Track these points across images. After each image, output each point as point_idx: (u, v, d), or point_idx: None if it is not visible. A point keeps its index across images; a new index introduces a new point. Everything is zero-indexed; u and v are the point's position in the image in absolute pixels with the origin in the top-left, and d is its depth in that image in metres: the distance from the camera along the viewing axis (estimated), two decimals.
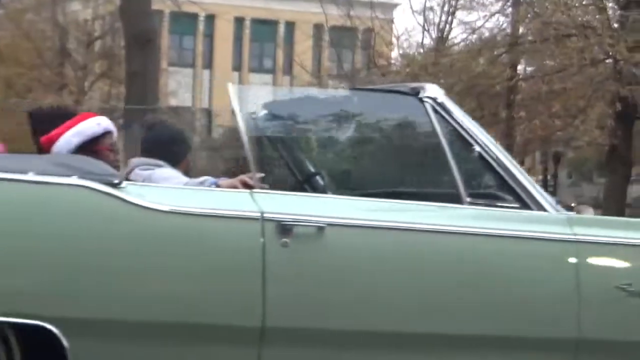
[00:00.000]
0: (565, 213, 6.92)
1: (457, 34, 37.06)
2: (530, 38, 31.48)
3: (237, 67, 64.27)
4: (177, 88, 50.17)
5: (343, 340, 6.28)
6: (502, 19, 33.92)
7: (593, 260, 6.86)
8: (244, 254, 5.99)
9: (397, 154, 8.34)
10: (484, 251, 6.56)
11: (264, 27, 63.61)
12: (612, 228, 7.09)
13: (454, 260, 6.49)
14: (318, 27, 49.05)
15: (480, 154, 6.57)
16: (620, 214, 27.68)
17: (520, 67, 34.00)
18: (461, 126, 6.64)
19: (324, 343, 6.24)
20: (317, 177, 7.71)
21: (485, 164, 6.66)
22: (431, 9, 37.00)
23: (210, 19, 61.50)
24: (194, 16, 58.49)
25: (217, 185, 6.84)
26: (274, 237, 5.93)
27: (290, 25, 60.76)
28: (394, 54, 40.66)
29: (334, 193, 7.41)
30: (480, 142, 6.65)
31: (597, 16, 29.32)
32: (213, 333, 6.21)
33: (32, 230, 5.75)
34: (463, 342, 6.52)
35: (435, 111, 6.49)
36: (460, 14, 36.47)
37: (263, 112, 7.40)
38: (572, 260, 6.72)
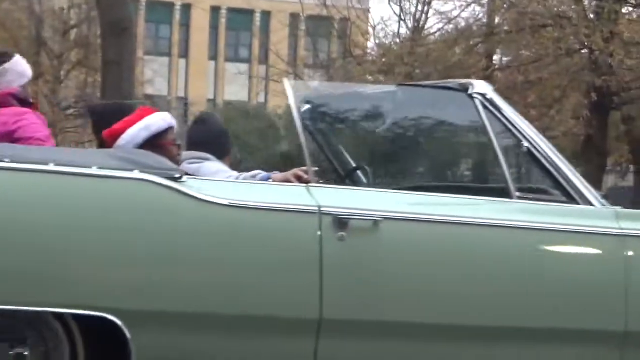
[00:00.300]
0: (612, 207, 6.93)
1: (433, 24, 37.02)
2: (506, 28, 31.56)
3: (213, 56, 64.62)
4: (154, 77, 50.13)
5: (397, 332, 6.28)
6: (478, 9, 33.63)
7: None
8: (301, 248, 6.03)
9: (448, 149, 8.44)
10: (533, 245, 6.56)
11: (240, 16, 63.65)
12: None
13: (505, 253, 6.53)
14: (294, 17, 49.21)
15: (528, 149, 6.60)
16: None
17: (496, 57, 34.26)
18: (510, 122, 6.69)
19: (378, 335, 6.25)
20: (361, 172, 7.64)
21: (533, 159, 6.66)
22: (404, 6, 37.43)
23: (187, 8, 61.45)
24: (171, 5, 60.98)
25: (270, 179, 6.89)
26: (331, 230, 5.95)
27: (267, 15, 60.92)
28: (370, 43, 40.65)
29: (385, 187, 7.40)
30: (529, 138, 6.69)
31: (573, 7, 29.49)
32: (271, 325, 6.19)
33: (96, 223, 5.76)
34: (516, 334, 6.54)
35: (485, 107, 6.56)
36: (436, 4, 36.20)
37: (313, 106, 7.37)
38: (620, 254, 6.74)
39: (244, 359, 6.45)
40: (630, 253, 6.71)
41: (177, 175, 5.90)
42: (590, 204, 6.62)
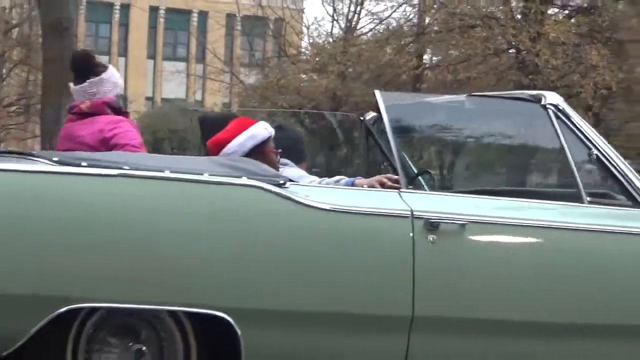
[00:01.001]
0: None
1: (365, 24, 37.55)
2: (435, 28, 31.69)
3: (152, 55, 64.93)
4: None
5: (482, 329, 6.49)
6: (408, 9, 34.38)
7: None
8: (396, 249, 6.19)
9: (523, 156, 8.99)
10: (605, 247, 6.76)
11: (178, 16, 63.88)
12: None
13: (579, 255, 6.71)
14: (230, 17, 49.48)
15: (597, 157, 6.75)
16: None
17: (426, 57, 34.55)
18: (580, 131, 6.88)
19: (465, 331, 6.44)
20: (425, 177, 7.77)
21: (602, 165, 6.85)
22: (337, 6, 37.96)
23: (126, 7, 61.45)
24: (110, 5, 61.25)
25: (353, 184, 7.02)
26: (423, 233, 6.12)
27: (204, 15, 60.83)
28: (304, 43, 41.44)
29: (468, 192, 7.42)
30: (598, 145, 6.86)
31: (500, 7, 29.90)
32: (368, 322, 6.36)
33: (208, 227, 6.02)
34: (587, 331, 6.72)
35: (557, 117, 6.77)
36: (368, 5, 36.90)
37: (397, 116, 7.18)
38: None
39: (342, 353, 6.66)
40: None
41: (282, 182, 6.10)
42: None
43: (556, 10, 31.83)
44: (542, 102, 7.03)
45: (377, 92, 7.03)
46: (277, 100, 36.58)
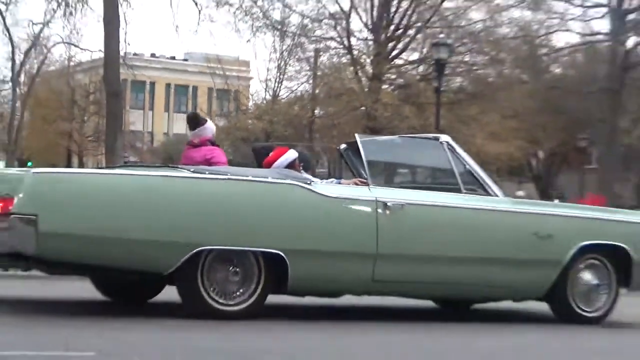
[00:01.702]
0: (507, 197, 10.84)
1: (284, 93, 42.88)
2: (322, 95, 39.36)
3: (167, 109, 77.33)
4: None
5: (417, 260, 9.74)
6: (307, 85, 40.84)
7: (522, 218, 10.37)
8: (368, 217, 9.35)
9: (432, 168, 11.21)
10: (475, 214, 10.11)
11: (182, 88, 77.06)
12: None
13: (463, 218, 10.07)
14: (211, 89, 57.99)
15: (470, 171, 10.20)
16: None
17: (317, 111, 40.72)
18: (459, 155, 10.28)
19: (406, 261, 9.63)
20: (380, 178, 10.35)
21: (472, 175, 10.24)
22: (269, 80, 42.77)
23: (152, 84, 71.74)
24: (142, 82, 66.06)
25: (340, 183, 10.11)
26: (381, 209, 9.35)
27: (195, 88, 70.83)
28: (250, 103, 48.19)
29: (403, 187, 10.50)
30: (470, 164, 10.33)
31: (356, 84, 36.94)
32: (355, 256, 9.52)
33: (272, 205, 9.14)
34: (474, 260, 10.01)
35: (448, 148, 10.15)
36: (285, 83, 42.51)
37: (363, 146, 9.95)
38: (509, 217, 10.33)
39: (341, 274, 9.61)
40: (515, 219, 10.34)
41: (308, 182, 9.27)
42: (497, 195, 10.29)
43: (386, 86, 37.92)
44: (439, 140, 10.34)
45: (357, 135, 10.42)
46: (235, 135, 40.92)
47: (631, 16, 34.90)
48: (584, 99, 37.75)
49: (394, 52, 37.29)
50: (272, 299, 9.02)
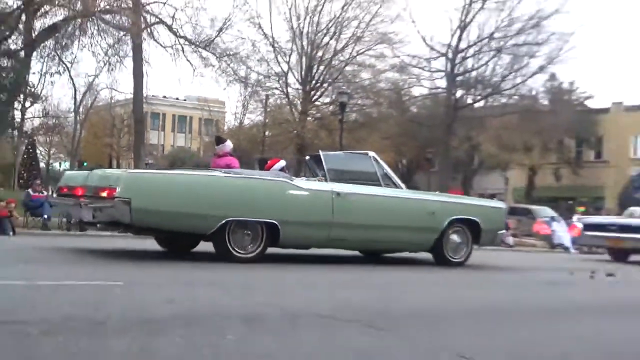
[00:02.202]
0: (404, 188, 10.95)
1: (246, 122, 42.05)
2: (269, 123, 38.69)
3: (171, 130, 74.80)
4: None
5: (356, 226, 9.85)
6: (261, 117, 39.72)
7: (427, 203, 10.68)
8: (327, 200, 9.52)
9: (363, 172, 10.48)
10: (389, 199, 10.32)
11: (181, 118, 74.95)
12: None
13: (382, 202, 10.23)
14: (200, 118, 56.32)
15: (386, 173, 10.42)
16: None
17: (267, 133, 38.80)
18: (380, 164, 10.42)
19: (349, 227, 9.77)
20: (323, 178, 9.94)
21: (387, 175, 10.50)
22: (237, 113, 42.35)
23: (163, 114, 68.84)
24: (159, 114, 67.55)
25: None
26: (335, 195, 9.53)
27: (191, 117, 69.96)
28: (225, 127, 47.81)
29: (348, 183, 10.06)
30: (385, 169, 10.54)
31: (291, 117, 36.58)
32: (318, 224, 9.55)
33: (271, 193, 9.28)
34: (392, 227, 10.21)
35: (374, 160, 10.33)
36: (247, 115, 41.72)
37: (327, 158, 10.19)
38: (401, 199, 10.51)
39: (307, 237, 9.69)
40: (413, 202, 10.65)
41: (291, 179, 9.46)
42: (402, 187, 10.61)
43: (309, 118, 36.49)
44: (368, 154, 10.57)
45: (320, 151, 10.38)
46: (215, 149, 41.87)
47: (459, 78, 35.77)
48: (430, 128, 37.93)
49: (315, 97, 37.37)
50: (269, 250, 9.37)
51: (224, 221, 8.55)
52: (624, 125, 45.80)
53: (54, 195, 9.95)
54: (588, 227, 17.03)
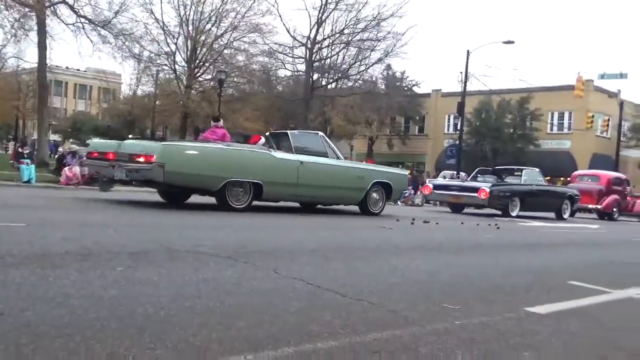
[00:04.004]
0: (343, 159, 11.81)
1: (140, 92, 41.48)
2: (160, 95, 37.95)
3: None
4: None
5: (316, 187, 10.60)
6: (152, 88, 38.74)
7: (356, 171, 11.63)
8: (294, 167, 10.15)
9: (316, 147, 11.01)
10: (337, 168, 11.09)
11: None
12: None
13: (332, 170, 10.97)
14: (99, 87, 53.88)
15: (331, 147, 11.11)
16: None
17: (157, 102, 38.17)
18: (327, 141, 11.24)
19: (309, 187, 10.48)
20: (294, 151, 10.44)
21: (332, 149, 11.13)
22: (132, 84, 41.45)
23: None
24: None
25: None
26: (300, 164, 10.23)
27: (91, 87, 66.59)
28: (121, 96, 46.79)
29: (309, 156, 10.58)
30: (330, 144, 11.25)
31: (178, 90, 35.52)
32: (287, 184, 10.12)
33: (254, 161, 9.80)
34: (338, 187, 11.15)
35: (323, 138, 11.20)
36: (140, 87, 41.22)
37: (294, 134, 11.04)
38: (350, 169, 11.59)
39: (282, 192, 10.25)
40: (349, 169, 11.59)
41: (271, 151, 10.15)
42: (341, 158, 11.49)
43: (193, 91, 34.74)
44: (319, 134, 11.48)
45: (288, 131, 11.18)
46: (112, 112, 40.42)
47: (315, 64, 36.07)
48: (293, 103, 38.01)
49: (198, 74, 36.55)
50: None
51: (226, 181, 9.28)
52: (441, 107, 48.20)
53: (85, 158, 10.59)
54: (437, 187, 17.92)
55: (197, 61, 35.52)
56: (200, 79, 36.88)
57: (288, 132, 10.99)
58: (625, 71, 35.00)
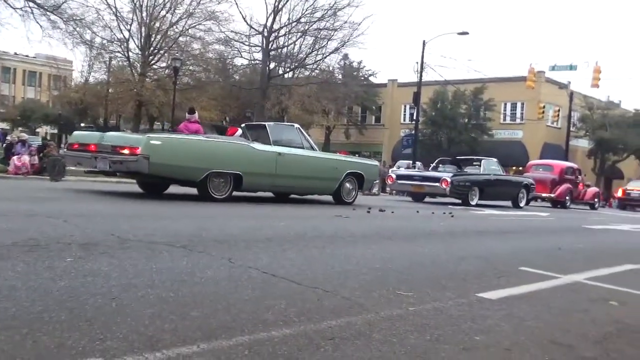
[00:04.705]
0: (318, 150, 11.94)
1: (93, 80, 41.13)
2: (113, 82, 36.90)
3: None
4: None
5: (291, 177, 10.84)
6: (105, 75, 37.92)
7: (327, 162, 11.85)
8: (272, 158, 10.39)
9: (292, 139, 11.17)
10: (310, 158, 11.26)
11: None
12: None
13: (306, 160, 11.13)
14: (49, 75, 51.86)
15: (307, 139, 11.32)
16: None
17: (110, 90, 37.08)
18: (303, 133, 11.40)
19: (285, 177, 10.70)
20: (267, 142, 10.59)
21: (307, 140, 11.34)
22: (84, 71, 41.15)
23: None
24: None
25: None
26: (277, 155, 10.47)
27: (41, 74, 64.90)
28: (72, 84, 44.99)
29: (281, 147, 10.67)
30: (306, 136, 11.47)
31: (132, 77, 34.90)
32: (267, 174, 10.28)
33: (234, 152, 9.98)
34: (311, 177, 11.28)
35: (298, 129, 11.41)
36: (93, 74, 40.97)
37: (270, 124, 11.27)
38: (320, 159, 11.60)
39: (261, 182, 10.49)
40: (324, 160, 11.74)
41: (250, 142, 10.30)
42: (316, 149, 11.63)
43: (148, 79, 34.73)
44: (295, 126, 11.66)
45: (266, 123, 11.41)
46: (62, 100, 38.81)
47: (272, 53, 36.00)
48: (250, 92, 37.83)
49: (153, 62, 36.34)
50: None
51: (208, 172, 9.52)
52: (397, 97, 48.86)
53: (65, 150, 10.48)
54: (399, 177, 18.25)
55: (152, 48, 35.48)
56: (154, 66, 36.74)
57: (265, 124, 11.16)
58: (575, 63, 35.33)
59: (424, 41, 32.69)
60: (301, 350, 2.40)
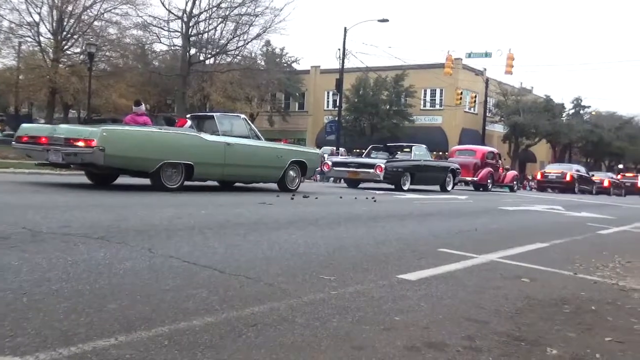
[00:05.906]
0: (263, 139, 12.18)
1: (1, 66, 37.14)
2: (23, 69, 35.25)
3: None
4: None
5: (243, 166, 11.34)
6: (14, 62, 36.22)
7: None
8: (221, 148, 10.72)
9: (242, 131, 11.58)
10: (258, 148, 11.77)
11: None
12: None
13: (262, 150, 11.83)
14: None
15: (253, 129, 11.68)
16: None
17: (20, 77, 35.91)
18: (249, 123, 11.71)
19: (239, 166, 11.19)
20: (218, 133, 11.01)
21: (254, 130, 11.75)
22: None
23: None
24: None
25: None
26: (226, 145, 10.82)
27: None
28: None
29: (237, 139, 11.19)
30: (253, 127, 11.77)
31: (44, 63, 33.59)
32: (216, 164, 10.74)
33: (185, 143, 10.25)
34: (261, 166, 11.79)
35: (245, 121, 11.71)
36: (1, 60, 37.10)
37: (218, 115, 11.55)
38: (266, 148, 12.08)
39: (211, 172, 10.86)
40: (269, 149, 12.19)
41: (199, 133, 10.67)
42: (262, 139, 11.86)
43: (61, 65, 33.41)
44: (241, 117, 11.99)
45: (214, 113, 11.60)
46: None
47: (193, 38, 35.43)
48: (170, 79, 37.24)
49: (66, 47, 34.79)
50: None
51: (161, 162, 9.74)
52: (320, 84, 49.46)
53: (13, 142, 10.13)
54: (335, 164, 18.55)
55: (65, 33, 34.22)
56: (68, 52, 35.39)
57: (214, 114, 11.47)
58: (490, 50, 36.83)
59: (345, 28, 33.18)
60: (223, 338, 2.40)
